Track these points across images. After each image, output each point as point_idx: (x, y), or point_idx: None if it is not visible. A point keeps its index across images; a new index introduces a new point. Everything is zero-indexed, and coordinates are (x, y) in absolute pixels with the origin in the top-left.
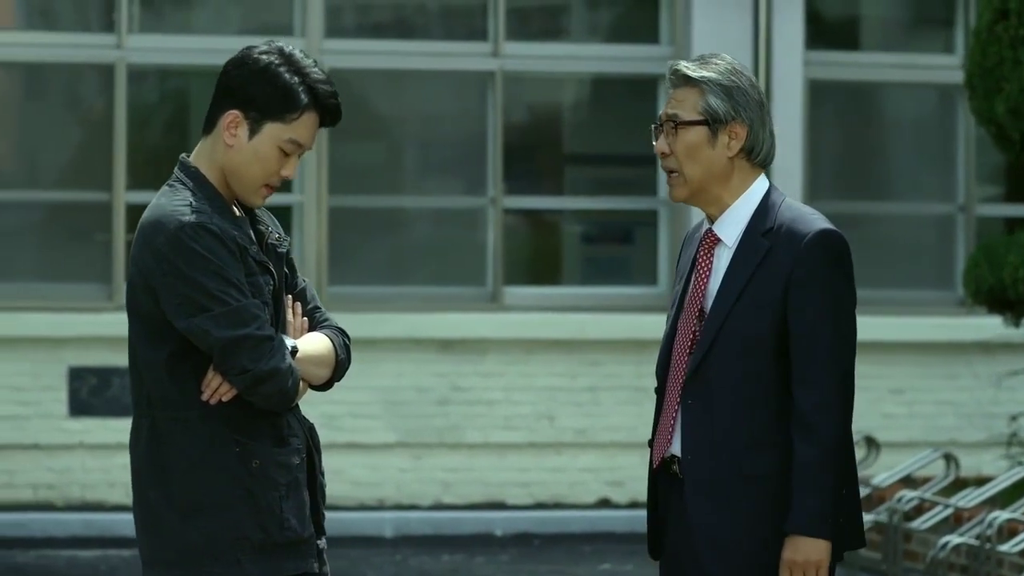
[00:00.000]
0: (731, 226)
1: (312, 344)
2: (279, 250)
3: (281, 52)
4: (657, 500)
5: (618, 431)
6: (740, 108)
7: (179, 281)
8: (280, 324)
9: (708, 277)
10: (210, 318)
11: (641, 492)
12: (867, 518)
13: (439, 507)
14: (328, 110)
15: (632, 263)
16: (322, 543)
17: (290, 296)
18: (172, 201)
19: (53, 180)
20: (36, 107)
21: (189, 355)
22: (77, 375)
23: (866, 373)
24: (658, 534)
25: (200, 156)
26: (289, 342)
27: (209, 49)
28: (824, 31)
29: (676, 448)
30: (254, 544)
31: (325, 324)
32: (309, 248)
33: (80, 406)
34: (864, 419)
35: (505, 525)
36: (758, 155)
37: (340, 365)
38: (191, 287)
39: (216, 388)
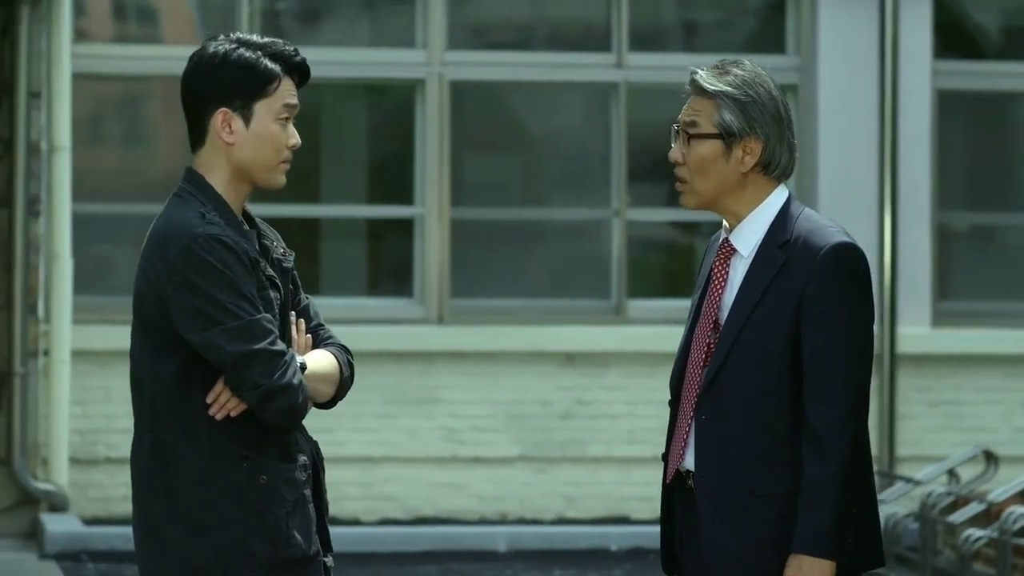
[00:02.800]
0: (748, 237)
1: (319, 361)
2: (284, 265)
3: (229, 38)
4: (672, 514)
5: None
6: (755, 123)
7: (191, 294)
8: (286, 340)
9: (723, 288)
10: (222, 332)
11: None
12: (981, 533)
13: (562, 522)
14: (298, 69)
15: None
16: (329, 560)
17: (294, 313)
18: (183, 212)
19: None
20: (157, 121)
21: (198, 368)
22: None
23: (997, 386)
24: (673, 549)
25: (204, 167)
26: (299, 358)
27: (333, 62)
28: (953, 40)
29: (689, 462)
30: (262, 561)
31: (329, 341)
32: (431, 260)
33: None
34: (995, 433)
35: (621, 540)
36: (775, 169)
37: (344, 383)
38: (203, 300)
39: (224, 403)
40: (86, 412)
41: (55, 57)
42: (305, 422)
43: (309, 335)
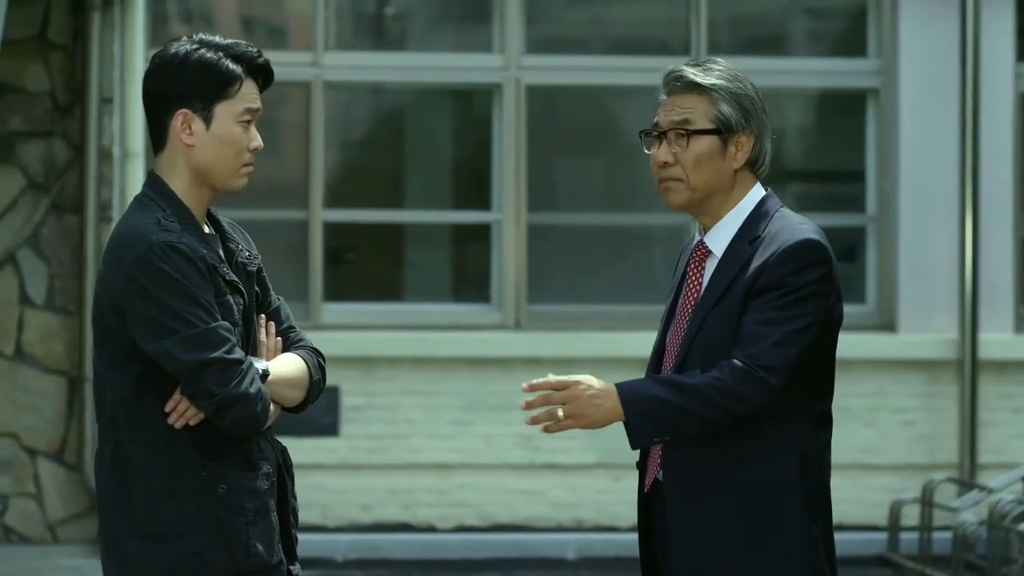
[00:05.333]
0: (722, 237)
1: (285, 366)
2: (249, 268)
3: (191, 39)
4: (650, 523)
5: None
6: (749, 117)
7: (147, 302)
8: (251, 345)
9: (699, 290)
10: (177, 340)
11: (849, 514)
12: None
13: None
14: (261, 71)
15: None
16: (296, 568)
17: (263, 316)
18: (141, 218)
19: (250, 199)
20: None
21: (157, 378)
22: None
23: None
24: (652, 558)
25: (164, 170)
26: (260, 365)
27: (412, 66)
28: None
29: (661, 473)
30: (221, 571)
31: (300, 344)
32: (507, 266)
33: (274, 426)
34: None
35: None
36: (760, 166)
37: (314, 387)
38: (159, 308)
39: (183, 412)
40: None
41: (128, 63)
42: (388, 428)
43: (279, 338)
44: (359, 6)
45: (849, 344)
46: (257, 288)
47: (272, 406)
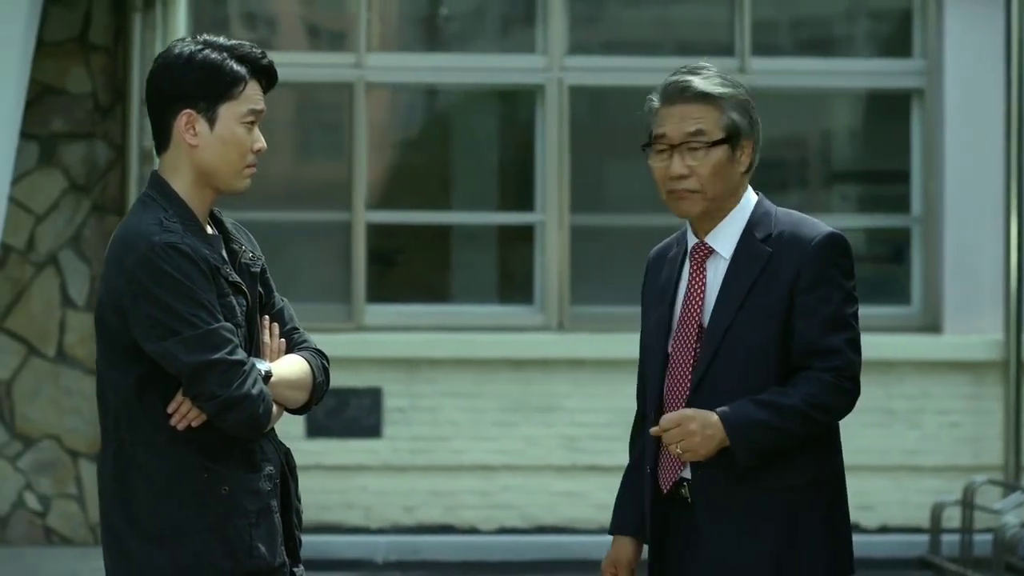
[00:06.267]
0: (726, 237)
1: (288, 367)
2: (253, 269)
3: (195, 39)
4: (659, 527)
5: (868, 453)
6: (752, 123)
7: (148, 303)
8: (254, 346)
9: (703, 292)
10: (179, 341)
11: (893, 516)
12: None
13: None
14: (264, 72)
15: (885, 282)
16: (299, 570)
17: (267, 317)
18: (143, 219)
19: (294, 200)
20: (277, 127)
21: (158, 379)
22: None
23: None
24: (662, 563)
25: (168, 171)
26: (263, 366)
27: (456, 67)
28: None
29: (688, 472)
30: (223, 572)
31: (303, 346)
32: (551, 267)
33: (317, 427)
34: None
35: None
36: (754, 168)
37: (318, 388)
38: (161, 309)
39: (185, 413)
40: None
41: None
42: (430, 430)
43: (283, 339)
44: (403, 7)
45: (894, 345)
46: (260, 289)
47: (275, 408)
